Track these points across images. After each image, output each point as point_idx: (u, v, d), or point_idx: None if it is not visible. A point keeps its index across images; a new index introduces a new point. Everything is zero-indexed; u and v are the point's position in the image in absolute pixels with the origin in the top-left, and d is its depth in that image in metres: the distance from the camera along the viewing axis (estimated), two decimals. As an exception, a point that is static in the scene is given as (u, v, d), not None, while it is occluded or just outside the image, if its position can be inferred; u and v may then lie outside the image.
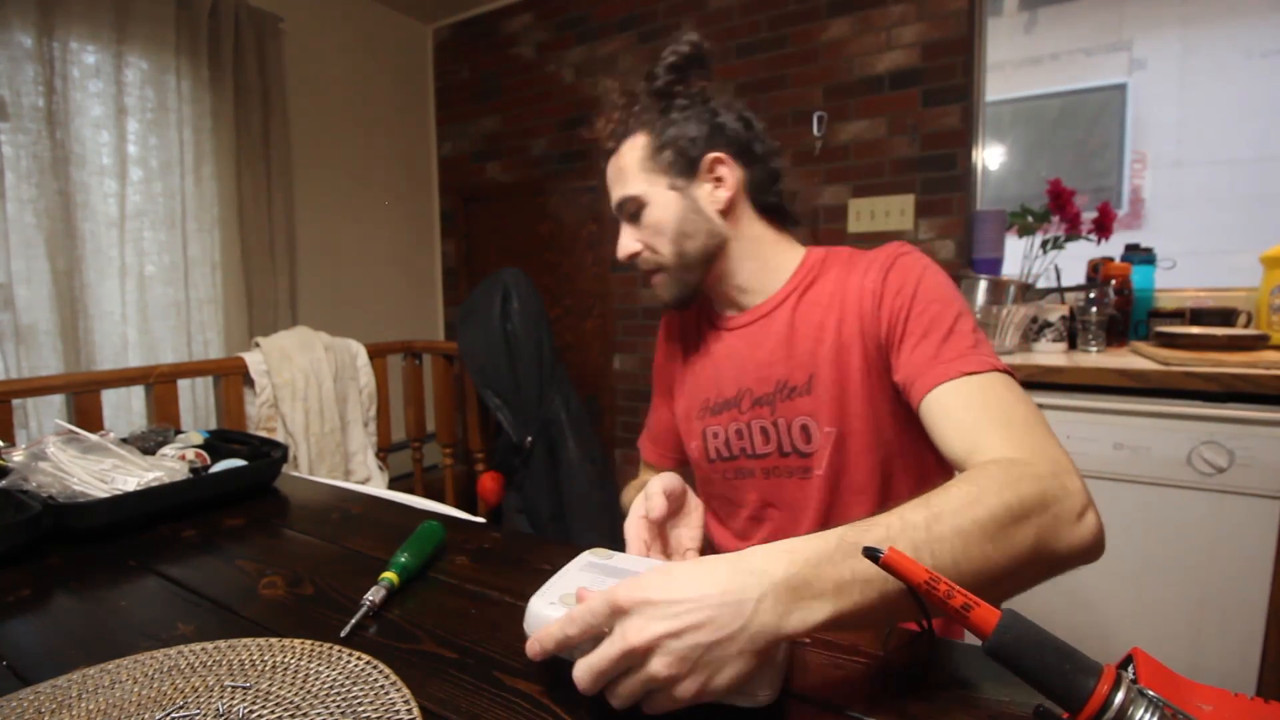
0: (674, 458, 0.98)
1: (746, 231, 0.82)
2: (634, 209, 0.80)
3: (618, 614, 0.40)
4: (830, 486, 0.77)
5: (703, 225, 0.80)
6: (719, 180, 0.80)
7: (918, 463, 0.77)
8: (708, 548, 0.89)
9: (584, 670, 0.40)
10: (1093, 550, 0.52)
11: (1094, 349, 1.60)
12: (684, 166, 0.79)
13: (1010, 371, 0.66)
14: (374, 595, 0.57)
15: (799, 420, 0.77)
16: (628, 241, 0.83)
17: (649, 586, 0.40)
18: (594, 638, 0.41)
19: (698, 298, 0.85)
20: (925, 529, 0.45)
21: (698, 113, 0.80)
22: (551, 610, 0.46)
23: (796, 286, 0.81)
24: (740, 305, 0.85)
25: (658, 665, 0.38)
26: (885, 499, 0.76)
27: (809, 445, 0.77)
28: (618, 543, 0.68)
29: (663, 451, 0.99)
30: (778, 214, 0.85)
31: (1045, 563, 0.49)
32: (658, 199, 0.79)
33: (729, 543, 0.88)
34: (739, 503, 0.85)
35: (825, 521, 0.77)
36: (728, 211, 0.80)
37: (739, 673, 0.39)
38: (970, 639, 0.43)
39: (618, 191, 0.82)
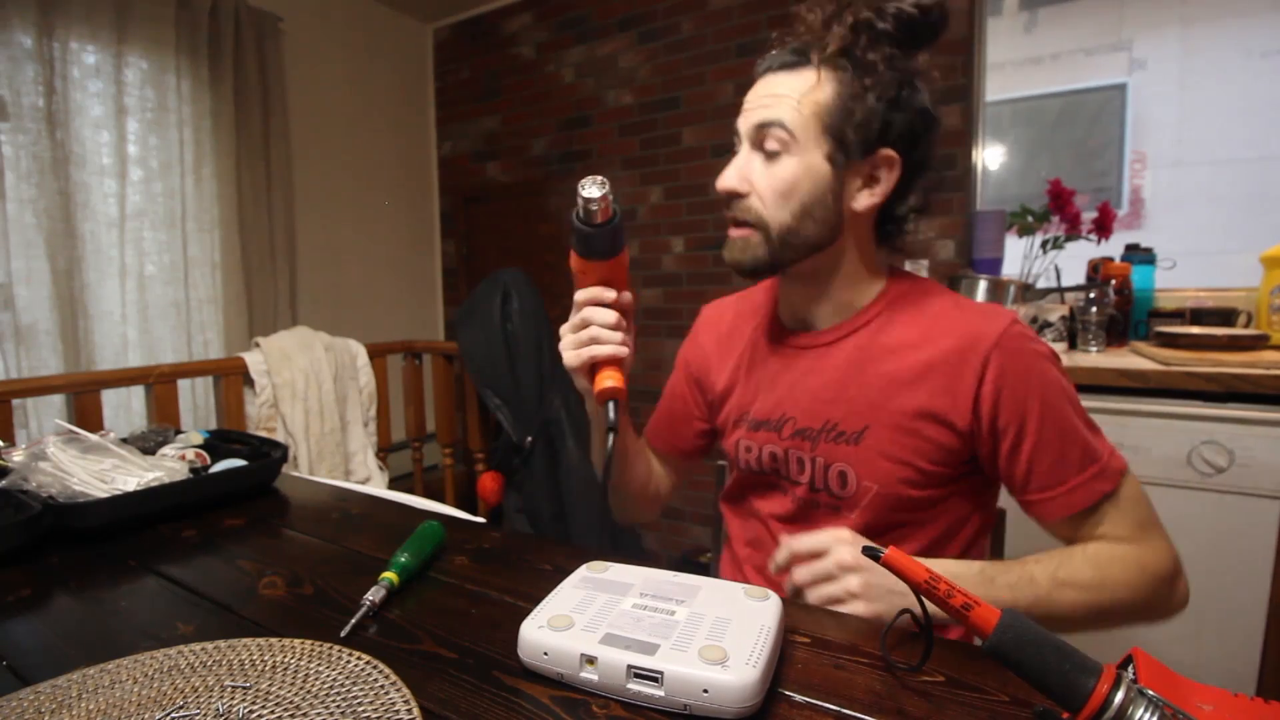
0: (667, 442, 0.94)
1: (857, 245, 0.73)
2: (774, 145, 0.68)
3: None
4: (862, 531, 0.71)
5: (831, 217, 0.69)
6: (874, 181, 0.69)
7: (958, 519, 0.74)
8: (725, 542, 0.90)
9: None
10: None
11: (1094, 349, 1.60)
12: (855, 147, 0.67)
13: (1125, 461, 0.68)
14: (374, 595, 0.56)
15: (837, 465, 0.72)
16: (736, 175, 0.70)
17: (850, 537, 0.63)
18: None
19: (768, 275, 0.75)
20: (1047, 593, 0.63)
21: (905, 96, 0.67)
22: (542, 634, 0.46)
23: (871, 319, 0.73)
24: (807, 323, 0.77)
25: (849, 570, 0.61)
26: (916, 548, 0.73)
27: (844, 490, 0.73)
28: (618, 543, 0.67)
29: (659, 432, 0.94)
30: (888, 236, 0.75)
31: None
32: (808, 157, 0.67)
33: (734, 526, 0.86)
34: (753, 505, 0.82)
35: None
36: (858, 216, 0.71)
37: (886, 608, 0.59)
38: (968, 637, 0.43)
39: (769, 112, 0.67)
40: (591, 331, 0.65)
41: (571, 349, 0.66)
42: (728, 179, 0.70)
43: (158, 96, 2.16)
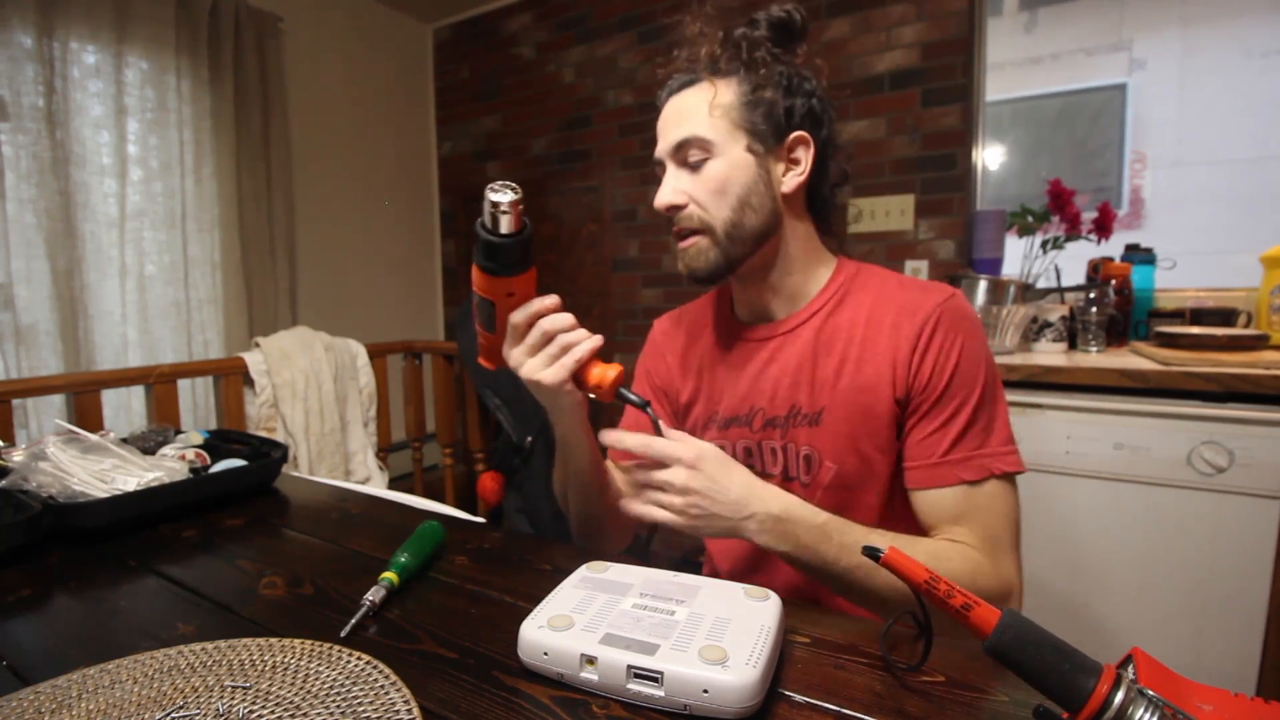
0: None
1: (797, 227, 0.76)
2: (697, 156, 0.71)
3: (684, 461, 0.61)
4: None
5: (767, 202, 0.72)
6: (794, 163, 0.73)
7: (894, 499, 0.75)
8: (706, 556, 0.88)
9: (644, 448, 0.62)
10: None
11: (1094, 349, 1.60)
12: (769, 134, 0.71)
13: (1012, 467, 0.68)
14: (374, 595, 0.57)
15: (803, 449, 0.75)
16: (672, 192, 0.72)
17: (707, 458, 0.62)
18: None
19: (726, 278, 0.76)
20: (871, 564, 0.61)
21: (796, 83, 0.73)
22: (542, 634, 0.46)
23: (825, 304, 0.76)
24: (765, 315, 0.80)
25: (677, 491, 0.61)
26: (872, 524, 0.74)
27: (808, 474, 0.75)
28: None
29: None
30: (822, 218, 0.79)
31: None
32: (731, 154, 0.71)
33: (722, 564, 0.84)
34: None
35: None
36: (789, 199, 0.75)
37: (707, 529, 0.63)
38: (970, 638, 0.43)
39: (682, 130, 0.71)
40: (560, 340, 0.62)
41: (545, 367, 0.62)
42: (664, 196, 0.72)
43: (158, 96, 2.16)
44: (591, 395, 0.66)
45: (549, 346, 0.63)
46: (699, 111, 0.71)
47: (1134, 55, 1.95)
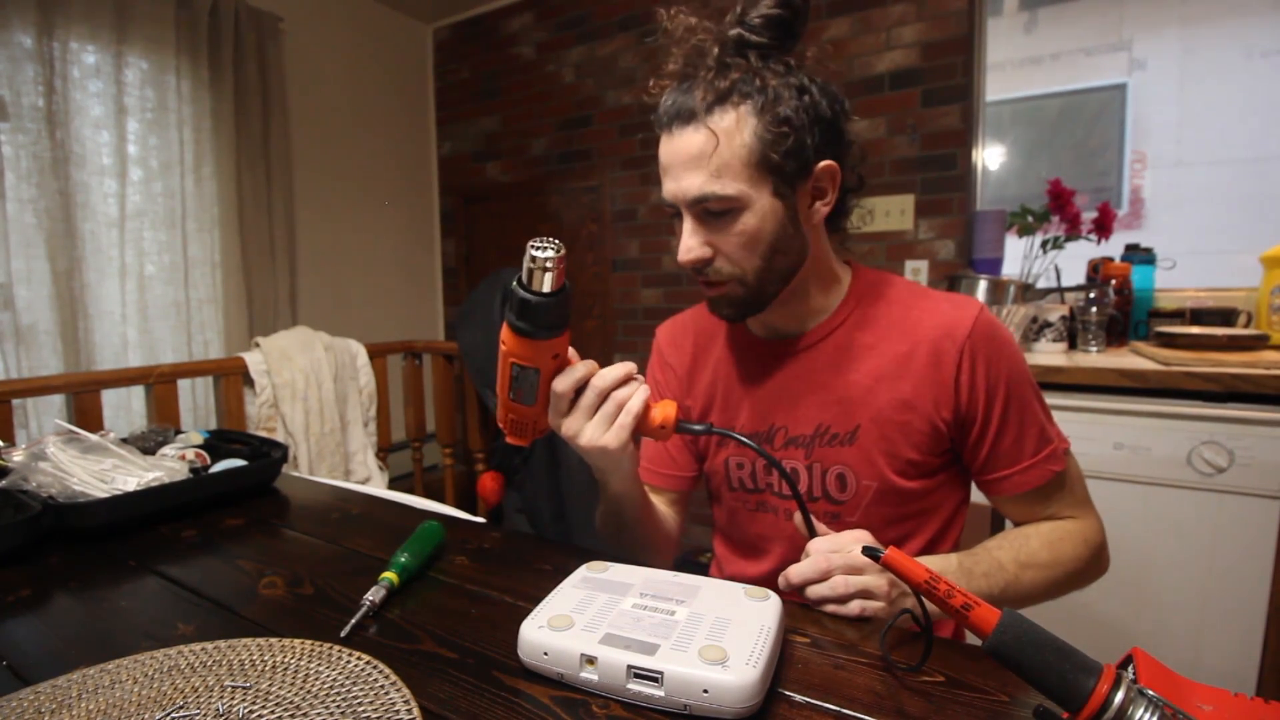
0: (671, 476, 0.86)
1: (819, 248, 0.72)
2: (723, 209, 0.64)
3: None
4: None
5: (796, 241, 0.68)
6: (820, 193, 0.68)
7: (938, 512, 0.76)
8: (715, 567, 0.89)
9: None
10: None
11: (1094, 349, 1.60)
12: (795, 171, 0.64)
13: (1068, 441, 0.74)
14: (374, 595, 0.56)
15: (835, 469, 0.73)
16: (697, 244, 0.66)
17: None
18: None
19: (756, 314, 0.72)
20: (1014, 576, 0.67)
21: (813, 101, 0.64)
22: (542, 634, 0.46)
23: (844, 319, 0.74)
24: (781, 330, 0.76)
25: (884, 595, 0.58)
26: (920, 545, 0.75)
27: (843, 494, 0.73)
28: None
29: (661, 471, 0.86)
30: (839, 230, 0.75)
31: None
32: (759, 205, 0.64)
33: (733, 564, 0.85)
34: (754, 532, 0.81)
35: None
36: (815, 229, 0.70)
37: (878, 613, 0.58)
38: (971, 638, 0.43)
39: (698, 183, 0.63)
40: (616, 398, 0.58)
41: (605, 430, 0.58)
42: (690, 251, 0.66)
43: (158, 96, 2.16)
44: (651, 438, 0.61)
45: (605, 406, 0.58)
46: (717, 161, 0.62)
47: (1134, 55, 1.95)
